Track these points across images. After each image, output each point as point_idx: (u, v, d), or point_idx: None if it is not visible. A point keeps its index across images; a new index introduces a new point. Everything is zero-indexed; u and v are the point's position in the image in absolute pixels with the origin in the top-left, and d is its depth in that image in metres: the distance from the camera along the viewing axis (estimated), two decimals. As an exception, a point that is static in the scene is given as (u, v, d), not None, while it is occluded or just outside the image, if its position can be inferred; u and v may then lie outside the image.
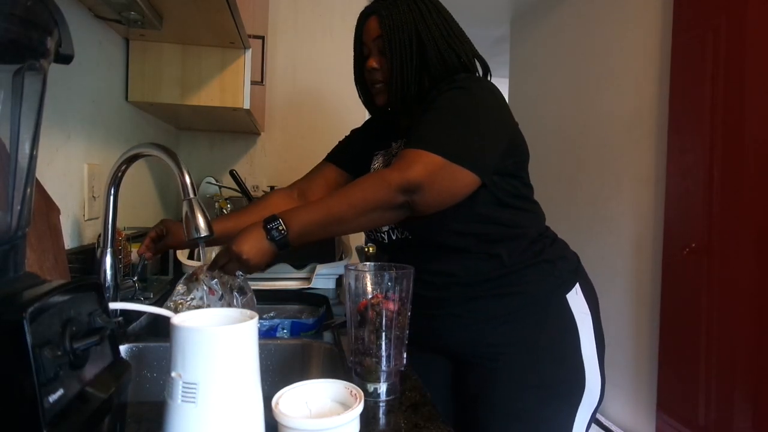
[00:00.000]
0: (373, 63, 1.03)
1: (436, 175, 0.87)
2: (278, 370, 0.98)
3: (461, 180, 0.90)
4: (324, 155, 2.16)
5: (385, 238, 1.06)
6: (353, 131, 1.24)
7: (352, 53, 1.13)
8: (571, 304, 1.00)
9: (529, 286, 0.99)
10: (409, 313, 0.79)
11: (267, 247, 0.85)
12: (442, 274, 1.00)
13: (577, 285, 1.03)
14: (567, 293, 1.01)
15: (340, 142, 1.24)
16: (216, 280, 0.90)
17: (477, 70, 1.05)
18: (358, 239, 2.27)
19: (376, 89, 1.05)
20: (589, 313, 1.02)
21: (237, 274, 0.91)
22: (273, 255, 0.86)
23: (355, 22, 1.09)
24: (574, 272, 1.05)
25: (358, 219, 0.87)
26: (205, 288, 0.90)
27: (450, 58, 1.00)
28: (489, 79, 1.06)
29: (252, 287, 0.96)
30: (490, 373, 0.98)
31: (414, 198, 0.86)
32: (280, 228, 0.85)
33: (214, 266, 0.89)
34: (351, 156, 1.18)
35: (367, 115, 1.26)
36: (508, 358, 0.98)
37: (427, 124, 0.92)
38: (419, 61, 0.99)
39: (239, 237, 0.85)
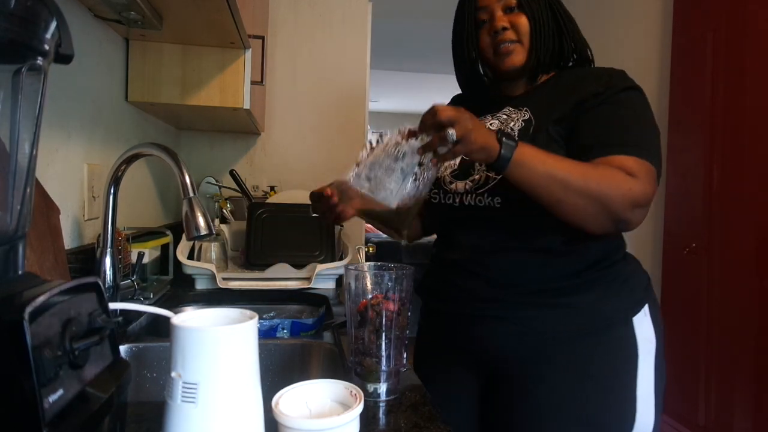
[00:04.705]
0: (502, 22, 0.94)
1: (655, 191, 0.83)
2: (278, 370, 0.98)
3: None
4: (323, 155, 2.16)
5: (456, 201, 0.95)
6: None
7: (351, 53, 1.10)
8: (636, 329, 0.88)
9: (595, 303, 0.88)
10: (410, 313, 0.79)
11: (492, 140, 0.75)
12: (501, 270, 0.89)
13: (647, 306, 0.91)
14: (635, 315, 0.89)
15: None
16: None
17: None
18: (357, 239, 2.27)
19: (506, 50, 0.94)
20: (654, 341, 0.90)
21: (449, 135, 0.73)
22: (491, 153, 0.75)
23: (354, 22, 1.05)
24: (645, 290, 0.93)
25: (579, 196, 0.78)
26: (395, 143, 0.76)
27: (579, 32, 0.98)
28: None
29: (251, 288, 0.92)
30: (529, 398, 0.88)
31: (635, 215, 0.80)
32: (512, 140, 0.76)
33: (433, 110, 0.74)
34: None
35: (367, 116, 1.24)
36: (552, 383, 0.87)
37: (638, 129, 0.86)
38: (554, 24, 0.95)
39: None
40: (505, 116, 0.97)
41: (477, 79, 1.04)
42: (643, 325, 0.89)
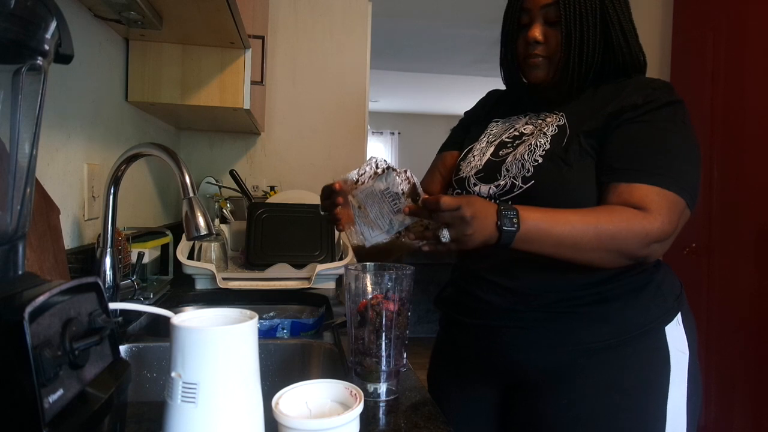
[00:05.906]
0: (536, 33, 0.88)
1: (680, 222, 0.79)
2: (278, 370, 0.98)
3: (684, 224, 0.81)
4: (323, 155, 2.16)
5: (479, 193, 0.91)
6: (465, 113, 1.12)
7: (351, 52, 1.08)
8: (669, 339, 0.84)
9: (624, 312, 0.83)
10: (410, 313, 0.79)
11: (492, 231, 0.73)
12: (524, 279, 0.86)
13: (679, 315, 0.87)
14: (667, 324, 0.85)
15: (453, 128, 1.11)
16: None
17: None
18: (358, 239, 2.27)
19: (533, 63, 0.90)
20: (687, 351, 0.85)
21: (443, 236, 0.72)
22: (488, 243, 0.74)
23: (355, 22, 1.03)
24: (677, 298, 0.88)
25: (593, 253, 0.77)
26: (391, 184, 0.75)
27: (633, 44, 0.89)
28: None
29: (251, 288, 0.92)
30: (553, 410, 0.85)
31: (654, 250, 0.78)
32: (514, 220, 0.73)
33: (435, 207, 0.71)
34: (468, 135, 1.05)
35: (367, 116, 1.24)
36: (578, 395, 0.83)
37: (670, 154, 0.81)
38: (602, 39, 0.87)
39: (476, 200, 0.73)
40: (540, 120, 0.94)
41: (516, 79, 0.99)
42: (676, 334, 0.85)
